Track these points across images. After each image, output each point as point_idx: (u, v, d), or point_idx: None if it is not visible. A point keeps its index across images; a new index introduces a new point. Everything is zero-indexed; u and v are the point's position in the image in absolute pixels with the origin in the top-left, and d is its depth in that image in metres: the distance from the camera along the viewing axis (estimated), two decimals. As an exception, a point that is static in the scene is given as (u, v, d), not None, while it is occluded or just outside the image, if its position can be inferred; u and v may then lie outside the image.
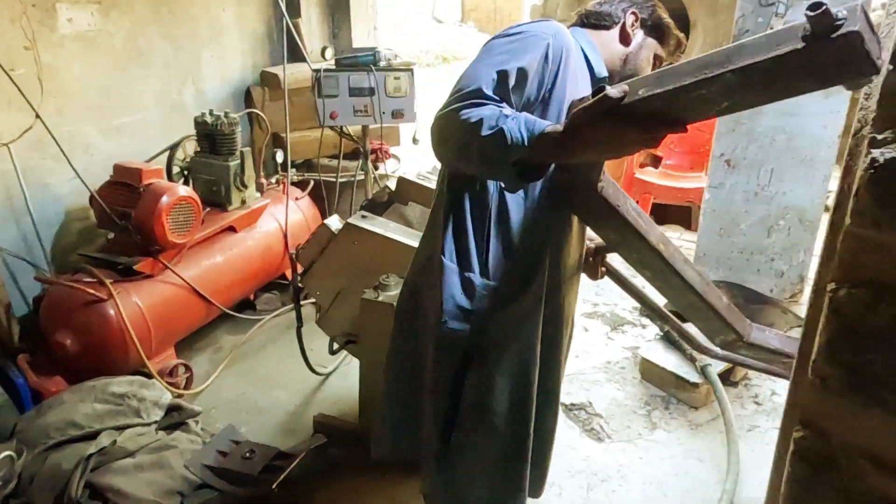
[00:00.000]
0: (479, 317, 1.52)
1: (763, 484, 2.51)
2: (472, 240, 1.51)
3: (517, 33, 1.42)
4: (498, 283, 1.51)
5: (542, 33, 1.40)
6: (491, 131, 1.20)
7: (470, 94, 1.28)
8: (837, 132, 3.44)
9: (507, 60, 1.33)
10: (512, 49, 1.37)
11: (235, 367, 3.23)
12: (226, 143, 3.21)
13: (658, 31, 1.66)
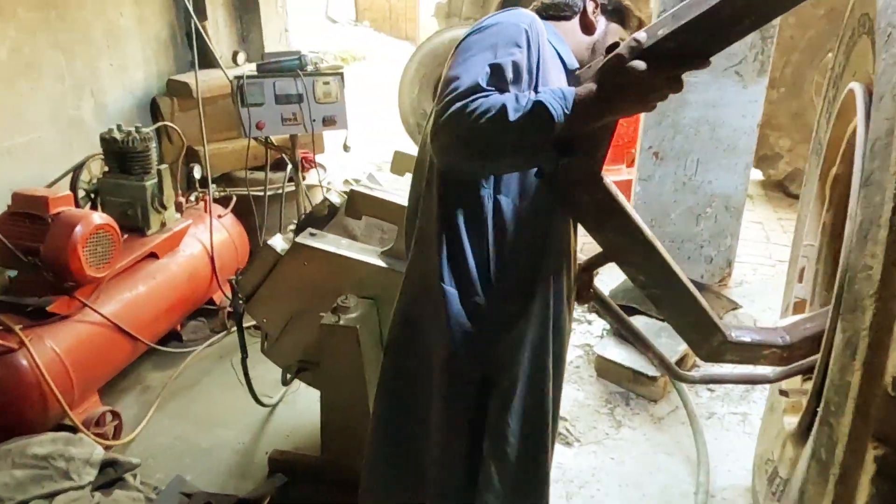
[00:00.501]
0: (490, 341, 1.41)
1: (732, 471, 2.56)
2: (472, 260, 1.39)
3: (494, 25, 1.33)
4: (503, 301, 1.41)
5: (519, 22, 1.33)
6: (523, 112, 1.14)
7: (469, 91, 1.19)
8: (756, 121, 3.59)
9: (496, 54, 1.26)
10: (496, 42, 1.29)
11: (169, 407, 2.93)
12: (139, 160, 2.90)
13: (619, 14, 1.61)
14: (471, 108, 1.16)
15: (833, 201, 2.11)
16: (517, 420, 1.46)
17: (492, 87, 1.21)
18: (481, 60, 1.25)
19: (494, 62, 1.24)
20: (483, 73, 1.22)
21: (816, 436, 1.28)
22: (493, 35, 1.31)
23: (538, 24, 1.38)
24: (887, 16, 1.26)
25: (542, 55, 1.35)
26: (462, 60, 1.27)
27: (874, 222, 1.09)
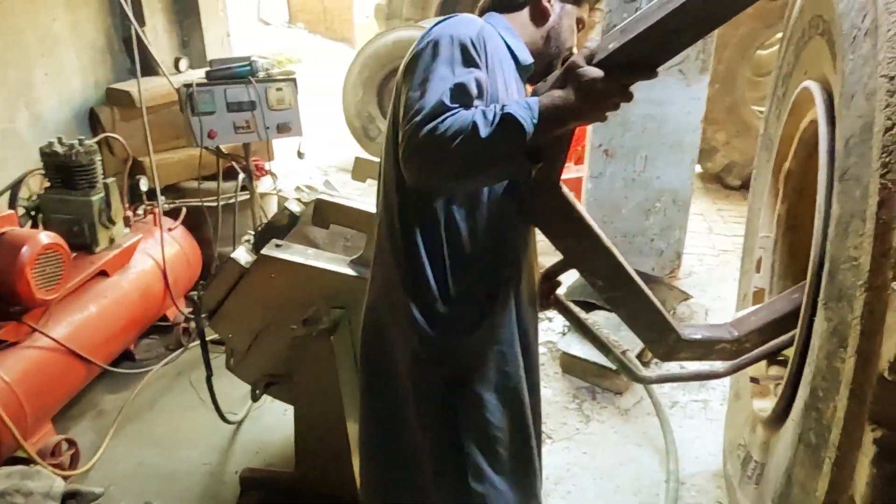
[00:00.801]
0: (451, 345, 1.45)
1: (699, 457, 2.64)
2: (429, 269, 1.43)
3: (445, 39, 1.33)
4: (463, 306, 1.44)
5: (469, 34, 1.34)
6: (494, 126, 1.18)
7: (436, 111, 1.21)
8: (699, 117, 3.72)
9: (455, 72, 1.28)
10: (452, 58, 1.30)
11: (127, 431, 2.81)
12: (85, 174, 2.75)
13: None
14: (441, 129, 1.19)
15: (787, 194, 2.20)
16: (497, 416, 1.49)
17: (456, 104, 1.22)
18: (442, 78, 1.26)
19: (458, 81, 1.26)
20: (447, 91, 1.24)
21: (803, 420, 1.34)
22: (448, 50, 1.31)
23: (486, 31, 1.39)
24: (850, 19, 1.32)
25: (492, 63, 1.38)
26: (422, 80, 1.28)
27: (856, 216, 1.15)
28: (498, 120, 1.18)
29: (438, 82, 1.26)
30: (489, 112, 1.20)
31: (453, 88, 1.25)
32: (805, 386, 1.38)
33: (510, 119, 1.18)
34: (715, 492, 2.47)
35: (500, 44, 1.47)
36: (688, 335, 1.83)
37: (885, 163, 1.04)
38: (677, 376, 2.08)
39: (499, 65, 1.42)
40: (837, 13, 1.43)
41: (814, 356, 1.32)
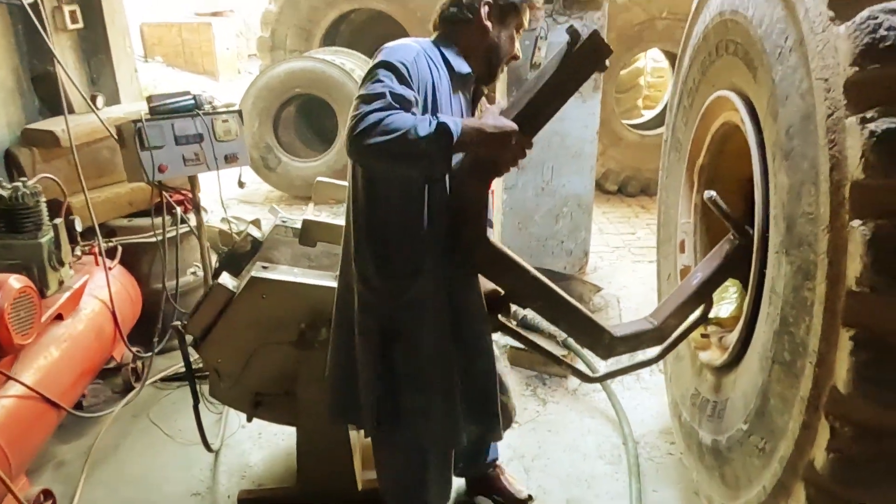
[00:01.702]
0: (383, 308, 1.92)
1: (644, 420, 3.02)
2: (369, 253, 1.89)
3: (385, 61, 1.72)
4: (395, 282, 1.89)
5: (404, 60, 1.73)
6: (431, 130, 1.57)
7: (382, 105, 1.59)
8: (595, 130, 4.23)
9: (395, 85, 1.66)
10: (391, 74, 1.68)
11: (98, 478, 2.71)
12: (31, 217, 2.66)
13: (512, 9, 1.89)
14: (387, 122, 1.55)
15: (701, 185, 2.67)
16: (413, 364, 1.96)
17: (398, 105, 1.60)
18: (386, 84, 1.64)
19: (398, 91, 1.64)
20: (388, 93, 1.62)
21: (775, 346, 1.72)
22: (392, 68, 1.69)
23: (419, 56, 1.77)
24: (772, 40, 1.75)
25: (420, 83, 1.74)
26: (371, 84, 1.66)
27: (806, 182, 1.55)
28: (434, 126, 1.56)
29: (381, 85, 1.64)
30: (428, 118, 1.59)
31: (395, 93, 1.62)
32: (770, 321, 1.77)
33: (444, 127, 1.57)
34: (665, 445, 2.88)
35: (434, 63, 1.83)
36: (619, 333, 2.23)
37: (830, 139, 1.44)
38: (620, 370, 2.43)
39: (427, 82, 1.77)
40: (755, 37, 1.87)
41: (778, 293, 1.71)
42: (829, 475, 1.52)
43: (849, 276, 1.39)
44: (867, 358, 1.37)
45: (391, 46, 1.80)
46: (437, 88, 1.80)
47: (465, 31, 1.88)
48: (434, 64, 1.82)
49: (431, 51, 1.85)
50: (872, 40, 1.38)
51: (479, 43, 1.89)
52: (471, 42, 1.89)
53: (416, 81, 1.73)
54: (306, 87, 5.99)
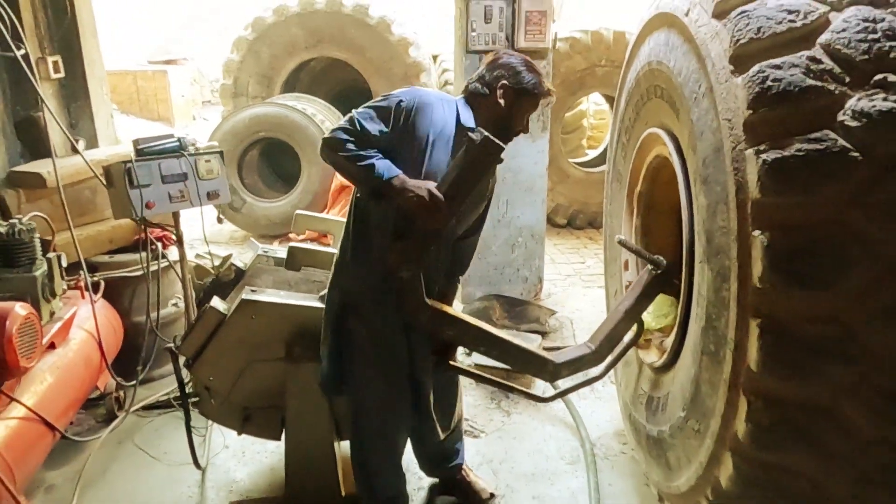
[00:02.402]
0: (346, 289, 2.35)
1: (599, 424, 3.32)
2: (347, 241, 2.33)
3: (385, 97, 2.22)
4: (357, 269, 2.31)
5: (399, 100, 2.17)
6: (365, 164, 2.10)
7: (348, 127, 2.13)
8: (544, 166, 4.62)
9: (372, 119, 2.15)
10: (376, 109, 2.18)
11: (88, 502, 2.83)
12: (26, 252, 2.84)
13: (525, 94, 2.27)
14: (346, 146, 2.11)
15: (640, 210, 3.04)
16: (362, 338, 2.34)
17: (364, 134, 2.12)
18: (365, 117, 2.15)
19: (367, 127, 2.13)
20: (360, 122, 2.13)
21: (702, 340, 2.05)
22: (380, 105, 2.18)
23: (425, 105, 2.17)
24: (689, 86, 2.14)
25: (412, 125, 2.15)
26: (369, 107, 2.18)
27: (719, 202, 1.91)
28: (368, 163, 2.09)
29: (368, 114, 2.16)
30: (371, 154, 2.10)
31: (364, 127, 2.13)
32: (698, 320, 2.11)
33: (372, 166, 2.09)
34: (618, 446, 3.18)
35: (447, 112, 2.21)
36: (560, 360, 2.60)
37: (735, 167, 1.80)
38: (569, 389, 2.76)
39: (426, 125, 2.16)
40: (676, 84, 2.26)
41: (703, 295, 2.05)
42: (748, 442, 1.83)
43: (754, 276, 1.73)
44: (770, 340, 1.71)
45: (418, 88, 2.28)
46: (435, 132, 2.18)
47: (483, 102, 2.28)
48: (446, 113, 2.22)
49: (451, 104, 2.26)
50: (762, 89, 1.75)
51: (491, 114, 2.26)
52: (485, 112, 2.27)
53: (404, 119, 2.15)
54: (270, 131, 6.26)
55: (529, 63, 2.32)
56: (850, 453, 1.76)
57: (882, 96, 1.66)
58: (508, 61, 2.28)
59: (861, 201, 1.64)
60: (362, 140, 2.13)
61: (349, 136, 2.12)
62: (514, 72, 2.26)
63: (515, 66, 2.26)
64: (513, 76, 2.26)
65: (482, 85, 2.28)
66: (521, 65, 2.28)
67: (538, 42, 4.12)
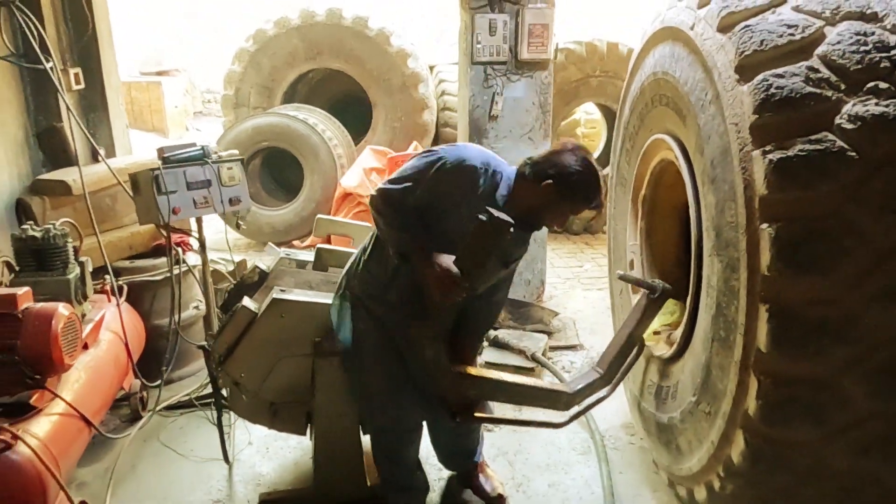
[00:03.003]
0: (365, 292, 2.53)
1: (607, 417, 3.47)
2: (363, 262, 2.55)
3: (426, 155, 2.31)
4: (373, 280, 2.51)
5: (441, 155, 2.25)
6: (395, 229, 2.28)
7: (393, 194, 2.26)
8: (546, 173, 4.79)
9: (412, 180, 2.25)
10: (418, 168, 2.27)
11: (121, 496, 2.94)
12: (60, 255, 2.95)
13: (567, 200, 2.24)
14: (384, 206, 2.27)
15: (644, 213, 3.21)
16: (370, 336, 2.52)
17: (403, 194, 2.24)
18: (411, 178, 2.25)
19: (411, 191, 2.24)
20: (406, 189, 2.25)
21: (713, 327, 2.22)
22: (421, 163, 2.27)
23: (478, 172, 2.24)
24: (696, 94, 2.32)
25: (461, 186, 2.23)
26: (408, 169, 2.29)
27: (727, 200, 2.08)
28: (396, 230, 2.26)
29: (403, 173, 2.29)
30: (404, 222, 2.24)
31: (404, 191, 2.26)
32: (708, 309, 2.28)
33: (398, 235, 2.26)
34: (627, 437, 3.34)
35: (489, 179, 2.28)
36: (573, 389, 2.78)
37: (743, 167, 1.98)
38: (579, 412, 2.88)
39: (463, 186, 2.23)
40: (683, 92, 2.44)
41: (713, 286, 2.22)
42: (759, 419, 2.00)
43: (762, 265, 1.91)
44: (778, 323, 1.88)
45: (469, 149, 2.32)
46: (465, 196, 2.23)
47: (526, 186, 2.27)
48: (486, 180, 2.25)
49: (498, 173, 2.29)
50: (766, 96, 1.93)
51: (528, 202, 2.26)
52: (523, 196, 2.27)
53: (435, 177, 2.21)
54: (273, 141, 6.40)
55: (587, 169, 2.22)
56: (850, 426, 1.93)
57: (874, 101, 1.84)
58: (567, 161, 2.21)
59: (857, 195, 1.82)
60: (399, 201, 2.24)
61: (388, 195, 2.25)
62: (567, 174, 2.19)
63: (570, 169, 2.19)
64: (562, 178, 2.20)
65: (533, 171, 2.26)
66: (578, 168, 2.20)
67: (540, 54, 4.30)
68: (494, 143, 4.56)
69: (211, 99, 16.48)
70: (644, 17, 3.20)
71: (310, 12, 6.96)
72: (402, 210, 2.25)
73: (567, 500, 2.90)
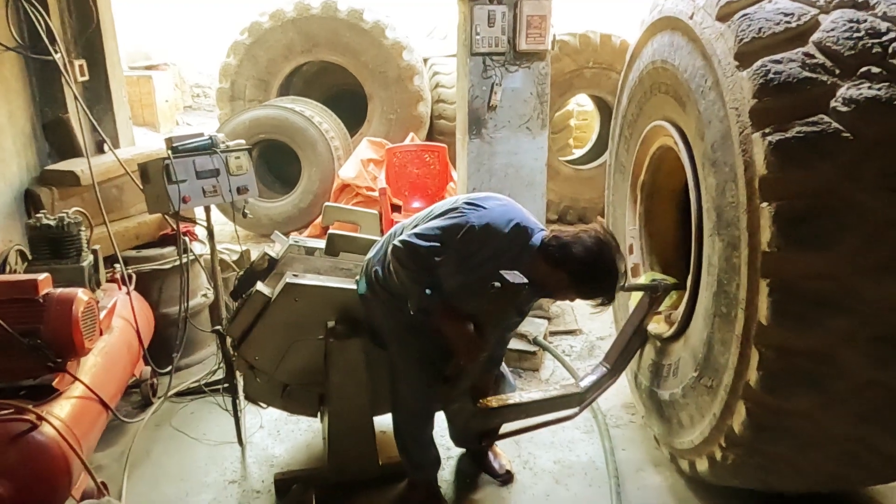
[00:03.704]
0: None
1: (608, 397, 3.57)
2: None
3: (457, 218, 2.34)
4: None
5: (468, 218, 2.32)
6: (416, 287, 2.34)
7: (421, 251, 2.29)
8: (544, 162, 4.88)
9: (439, 238, 2.30)
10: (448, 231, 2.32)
11: (136, 478, 3.00)
12: (74, 244, 3.01)
13: (577, 291, 2.35)
14: (408, 263, 2.30)
15: (643, 198, 3.31)
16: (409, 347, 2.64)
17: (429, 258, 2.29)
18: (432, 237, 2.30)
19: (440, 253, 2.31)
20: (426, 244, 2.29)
21: (714, 303, 2.32)
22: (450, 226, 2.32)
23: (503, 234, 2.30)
24: (695, 81, 2.41)
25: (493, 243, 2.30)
26: (434, 229, 2.33)
27: (728, 181, 2.18)
28: (415, 288, 2.32)
29: (428, 232, 2.32)
30: (425, 281, 2.31)
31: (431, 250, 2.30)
32: (709, 287, 2.37)
33: (417, 290, 2.33)
34: (627, 416, 3.44)
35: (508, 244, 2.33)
36: (585, 386, 2.96)
37: (743, 149, 2.07)
38: (590, 401, 3.05)
39: (479, 246, 2.31)
40: (682, 80, 2.53)
41: (714, 264, 2.32)
42: (761, 389, 2.10)
43: (762, 243, 2.00)
44: (778, 297, 1.98)
45: (502, 210, 2.36)
46: (488, 256, 2.31)
47: (544, 265, 2.31)
48: (511, 244, 2.31)
49: (524, 237, 2.32)
50: (765, 81, 2.02)
51: (543, 276, 2.32)
52: (538, 270, 2.31)
53: (462, 240, 2.29)
54: (270, 134, 6.44)
55: (605, 268, 2.25)
56: (848, 394, 2.04)
57: (867, 85, 1.94)
58: (586, 258, 2.24)
59: (853, 174, 1.92)
60: (426, 258, 2.29)
61: (416, 251, 2.28)
62: (584, 269, 2.25)
63: (586, 266, 2.24)
64: (579, 273, 2.27)
65: (557, 249, 2.28)
66: (595, 266, 2.24)
67: (538, 45, 4.38)
68: (494, 133, 4.64)
69: (200, 93, 16.41)
70: (637, 8, 3.30)
71: (305, 5, 6.99)
72: (427, 267, 2.31)
73: (572, 476, 3.00)
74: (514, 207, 2.44)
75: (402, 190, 5.87)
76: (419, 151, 6.04)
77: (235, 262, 4.27)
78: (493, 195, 2.48)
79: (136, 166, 3.41)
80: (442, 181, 5.91)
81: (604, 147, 7.09)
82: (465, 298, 2.39)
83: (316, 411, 3.08)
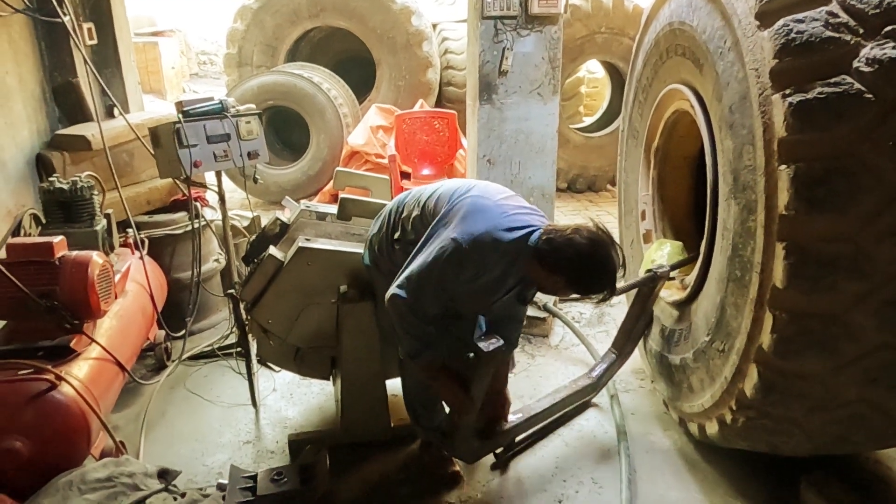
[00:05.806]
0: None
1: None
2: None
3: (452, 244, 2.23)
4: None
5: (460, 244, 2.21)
6: (413, 338, 2.36)
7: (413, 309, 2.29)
8: (555, 128, 4.84)
9: (435, 282, 2.26)
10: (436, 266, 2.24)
11: (153, 439, 3.05)
12: (87, 208, 3.02)
13: (571, 291, 2.28)
14: (401, 309, 2.29)
15: (657, 163, 3.29)
16: None
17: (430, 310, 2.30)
18: (431, 292, 2.29)
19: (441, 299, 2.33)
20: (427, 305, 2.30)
21: (728, 268, 2.32)
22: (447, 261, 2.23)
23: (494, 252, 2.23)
24: (714, 42, 2.37)
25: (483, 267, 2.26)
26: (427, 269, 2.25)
27: (746, 143, 2.16)
28: (410, 340, 2.35)
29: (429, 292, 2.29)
30: (422, 332, 2.32)
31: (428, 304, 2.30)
32: (724, 251, 2.37)
33: (411, 345, 2.36)
34: (637, 381, 3.47)
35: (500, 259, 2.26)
36: (596, 376, 3.10)
37: (762, 111, 2.04)
38: (604, 380, 3.20)
39: (468, 268, 2.25)
40: (701, 41, 2.49)
41: (729, 228, 2.31)
42: (773, 352, 2.10)
43: (779, 206, 1.99)
44: (794, 260, 1.97)
45: (478, 222, 2.23)
46: (480, 274, 2.27)
47: (538, 265, 2.23)
48: (503, 258, 2.25)
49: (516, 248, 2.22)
50: (787, 41, 1.99)
51: (539, 279, 2.30)
52: (534, 272, 2.28)
53: (454, 270, 2.24)
54: (279, 100, 6.40)
55: (601, 265, 2.17)
56: (859, 357, 2.04)
57: (892, 45, 1.90)
58: (582, 262, 2.16)
59: (873, 136, 1.89)
60: (425, 313, 2.31)
61: (413, 310, 2.28)
62: (578, 272, 2.19)
63: (582, 268, 2.17)
64: (574, 276, 2.20)
65: (549, 254, 2.19)
66: (591, 265, 2.17)
67: (551, 8, 4.30)
68: (504, 99, 4.59)
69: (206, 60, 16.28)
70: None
71: (312, -31, 6.89)
72: (425, 320, 2.31)
73: (582, 439, 3.04)
74: (504, 209, 2.31)
75: (412, 157, 5.84)
76: (429, 118, 5.99)
77: (246, 227, 4.28)
78: (481, 194, 2.36)
79: (147, 131, 3.40)
80: (452, 148, 5.87)
81: (614, 115, 7.03)
82: (467, 307, 2.50)
83: (328, 374, 3.11)
